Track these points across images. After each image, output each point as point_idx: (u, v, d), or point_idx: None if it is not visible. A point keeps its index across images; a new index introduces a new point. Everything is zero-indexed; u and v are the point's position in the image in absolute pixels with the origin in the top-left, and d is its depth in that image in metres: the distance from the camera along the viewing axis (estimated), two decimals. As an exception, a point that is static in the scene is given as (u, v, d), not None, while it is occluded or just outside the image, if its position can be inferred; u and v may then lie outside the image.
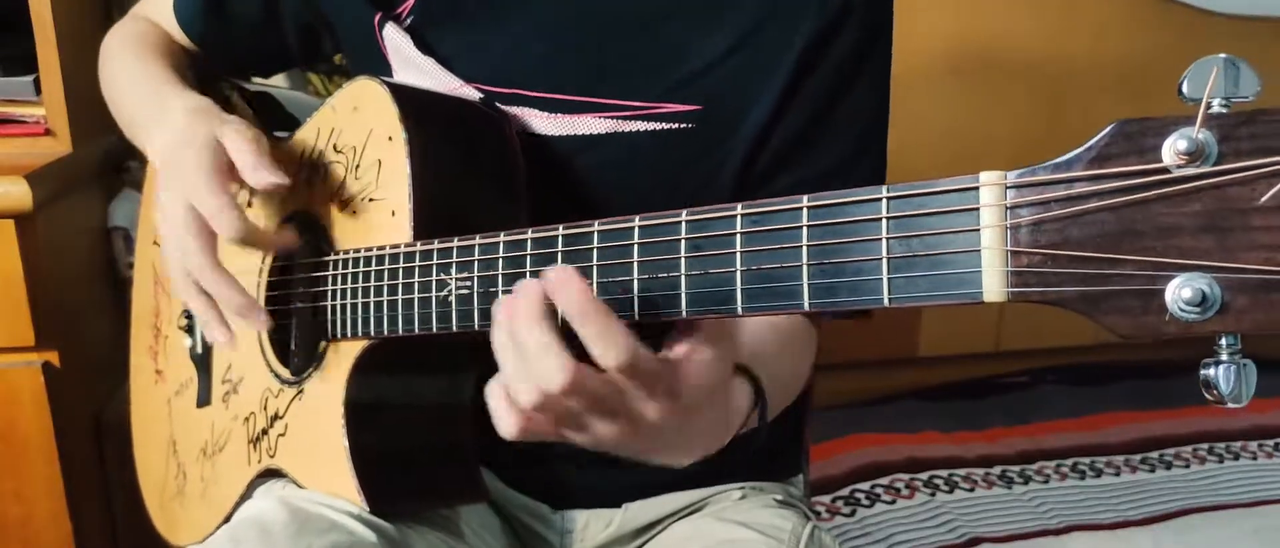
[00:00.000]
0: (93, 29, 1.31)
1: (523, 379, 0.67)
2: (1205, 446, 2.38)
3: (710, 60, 0.99)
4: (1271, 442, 2.40)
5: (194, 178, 0.93)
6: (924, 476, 2.19)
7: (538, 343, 0.66)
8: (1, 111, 1.63)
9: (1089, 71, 2.50)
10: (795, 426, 1.22)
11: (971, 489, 2.17)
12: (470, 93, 1.03)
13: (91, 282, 1.71)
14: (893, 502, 2.11)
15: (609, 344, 0.64)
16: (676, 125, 0.99)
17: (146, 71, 1.16)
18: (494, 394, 0.70)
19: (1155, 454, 2.36)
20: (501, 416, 0.70)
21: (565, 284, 0.65)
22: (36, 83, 1.61)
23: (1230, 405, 0.50)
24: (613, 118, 1.00)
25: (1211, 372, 0.51)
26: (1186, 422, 2.46)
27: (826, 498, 2.09)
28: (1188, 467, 2.31)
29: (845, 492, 2.13)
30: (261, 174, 0.93)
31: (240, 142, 0.95)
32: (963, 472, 2.21)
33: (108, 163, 1.73)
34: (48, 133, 1.62)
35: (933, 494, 2.14)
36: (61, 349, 1.56)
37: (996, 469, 2.24)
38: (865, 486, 2.15)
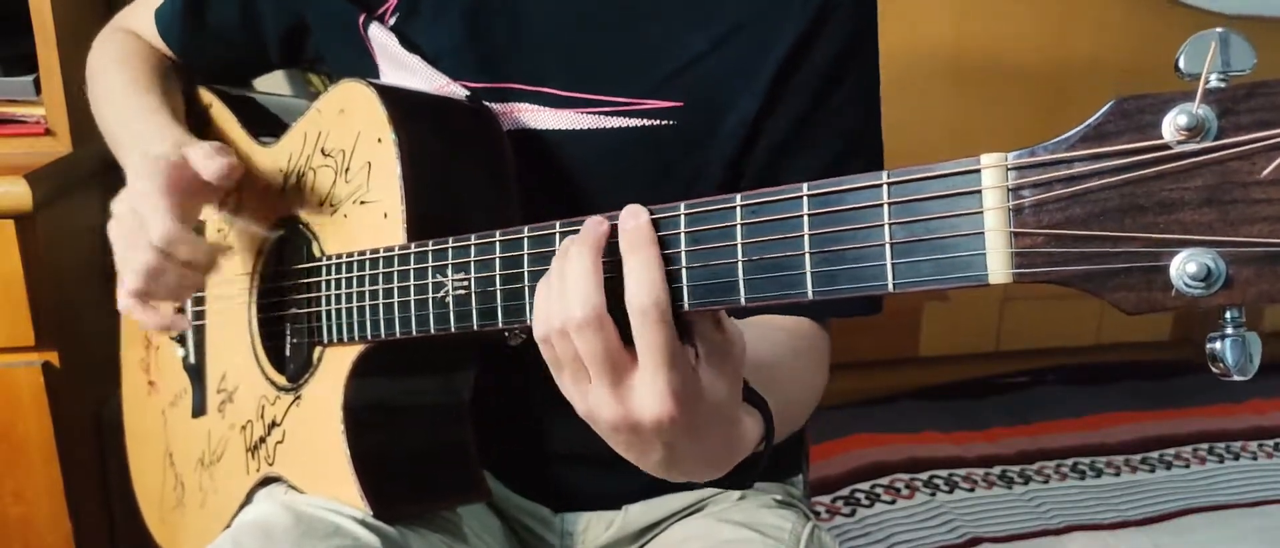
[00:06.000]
0: (92, 29, 1.31)
1: (557, 298, 0.68)
2: (1205, 446, 2.39)
3: (691, 58, 0.99)
4: (1271, 442, 2.41)
5: (150, 189, 0.96)
6: (924, 476, 2.19)
7: (579, 264, 0.67)
8: (1, 111, 1.63)
9: (1089, 72, 2.51)
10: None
11: (971, 489, 2.17)
12: (458, 90, 1.03)
13: (91, 282, 1.71)
14: (893, 502, 2.11)
15: (644, 280, 0.65)
16: (658, 122, 1.00)
17: (139, 101, 1.16)
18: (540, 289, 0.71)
19: (1155, 454, 2.36)
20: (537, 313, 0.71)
21: (634, 214, 0.68)
22: (36, 83, 1.61)
23: (1237, 378, 0.51)
24: (594, 113, 1.00)
25: (1217, 345, 0.51)
26: (1186, 422, 2.46)
27: (826, 498, 2.10)
28: (1188, 467, 2.32)
29: (845, 492, 2.13)
30: (212, 162, 0.97)
31: (201, 148, 0.99)
32: (963, 472, 2.21)
33: (108, 163, 1.72)
34: (48, 133, 1.62)
35: (933, 494, 2.14)
36: (61, 349, 1.56)
37: (996, 469, 2.25)
38: (865, 486, 2.15)
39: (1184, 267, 0.49)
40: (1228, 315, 0.51)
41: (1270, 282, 0.48)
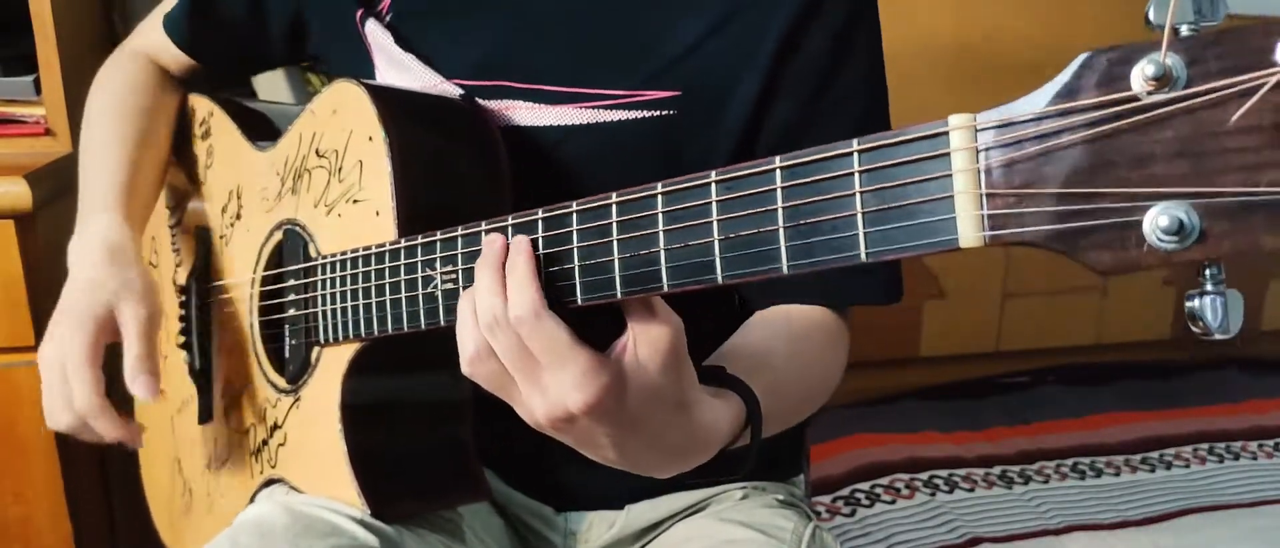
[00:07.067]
0: (93, 29, 1.32)
1: (485, 296, 0.72)
2: (1205, 446, 2.38)
3: (687, 46, 0.99)
4: (1271, 442, 2.40)
5: (75, 352, 1.02)
6: (924, 476, 2.19)
7: (522, 272, 0.71)
8: (1, 111, 1.64)
9: (1088, 70, 2.50)
10: (797, 426, 1.22)
11: (971, 489, 2.17)
12: (451, 89, 1.03)
13: (91, 282, 1.71)
14: (893, 502, 2.11)
15: (519, 292, 0.69)
16: (657, 112, 0.99)
17: (102, 151, 1.19)
18: (462, 318, 0.74)
19: (1155, 454, 2.35)
20: (465, 340, 0.73)
21: (488, 242, 0.73)
22: (36, 83, 1.61)
23: (1217, 336, 0.49)
24: (593, 108, 1.00)
25: (1196, 304, 0.49)
26: (1186, 422, 2.46)
27: (827, 498, 2.10)
28: (1188, 467, 2.31)
29: (845, 492, 2.13)
30: (138, 381, 1.02)
31: (132, 329, 1.04)
32: (963, 472, 2.21)
33: (107, 163, 1.74)
34: (48, 133, 1.63)
35: (933, 494, 2.14)
36: (61, 349, 1.56)
37: (996, 469, 2.24)
38: (865, 486, 2.15)
39: (1157, 221, 0.47)
40: (1207, 273, 0.49)
41: (1245, 233, 0.46)
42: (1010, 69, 2.51)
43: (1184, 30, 0.47)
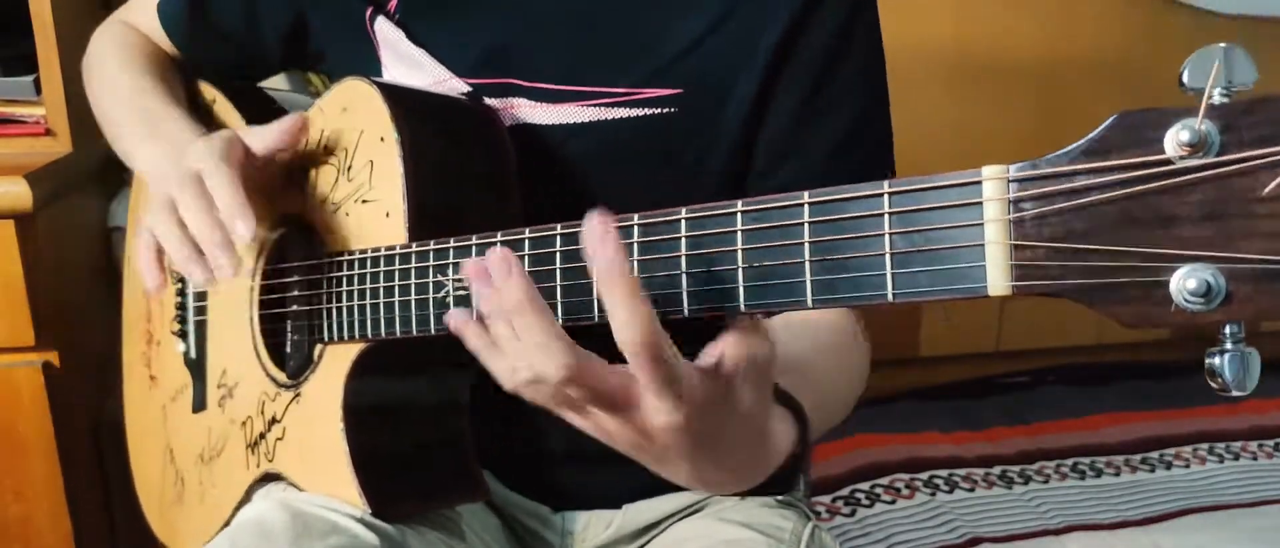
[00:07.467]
0: (92, 29, 1.31)
1: (520, 359, 0.64)
2: (1205, 446, 2.37)
3: (688, 43, 1.00)
4: (1271, 442, 2.39)
5: (210, 148, 0.95)
6: (924, 476, 2.18)
7: (538, 331, 0.63)
8: (1, 111, 1.63)
9: (1089, 72, 2.50)
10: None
11: (971, 489, 2.16)
12: (459, 85, 1.03)
13: (91, 282, 1.71)
14: (893, 502, 2.10)
15: (626, 321, 0.59)
16: (658, 110, 1.00)
17: (138, 86, 1.16)
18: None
19: (1155, 454, 2.35)
20: (502, 377, 0.67)
21: (602, 241, 0.61)
22: (36, 83, 1.61)
23: (1235, 393, 0.51)
24: (595, 105, 1.00)
25: (1216, 361, 0.51)
26: (1186, 422, 2.45)
27: (826, 498, 2.09)
28: (1188, 467, 2.31)
29: (845, 492, 2.12)
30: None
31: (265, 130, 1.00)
32: (963, 472, 2.21)
33: (108, 163, 1.73)
34: (48, 133, 1.62)
35: (933, 494, 2.13)
36: (61, 349, 1.57)
37: (996, 469, 2.23)
38: (865, 486, 2.15)
39: (1184, 282, 0.49)
40: (1227, 331, 0.50)
41: (1269, 299, 0.48)
42: (1010, 72, 2.50)
43: (1216, 96, 0.48)
